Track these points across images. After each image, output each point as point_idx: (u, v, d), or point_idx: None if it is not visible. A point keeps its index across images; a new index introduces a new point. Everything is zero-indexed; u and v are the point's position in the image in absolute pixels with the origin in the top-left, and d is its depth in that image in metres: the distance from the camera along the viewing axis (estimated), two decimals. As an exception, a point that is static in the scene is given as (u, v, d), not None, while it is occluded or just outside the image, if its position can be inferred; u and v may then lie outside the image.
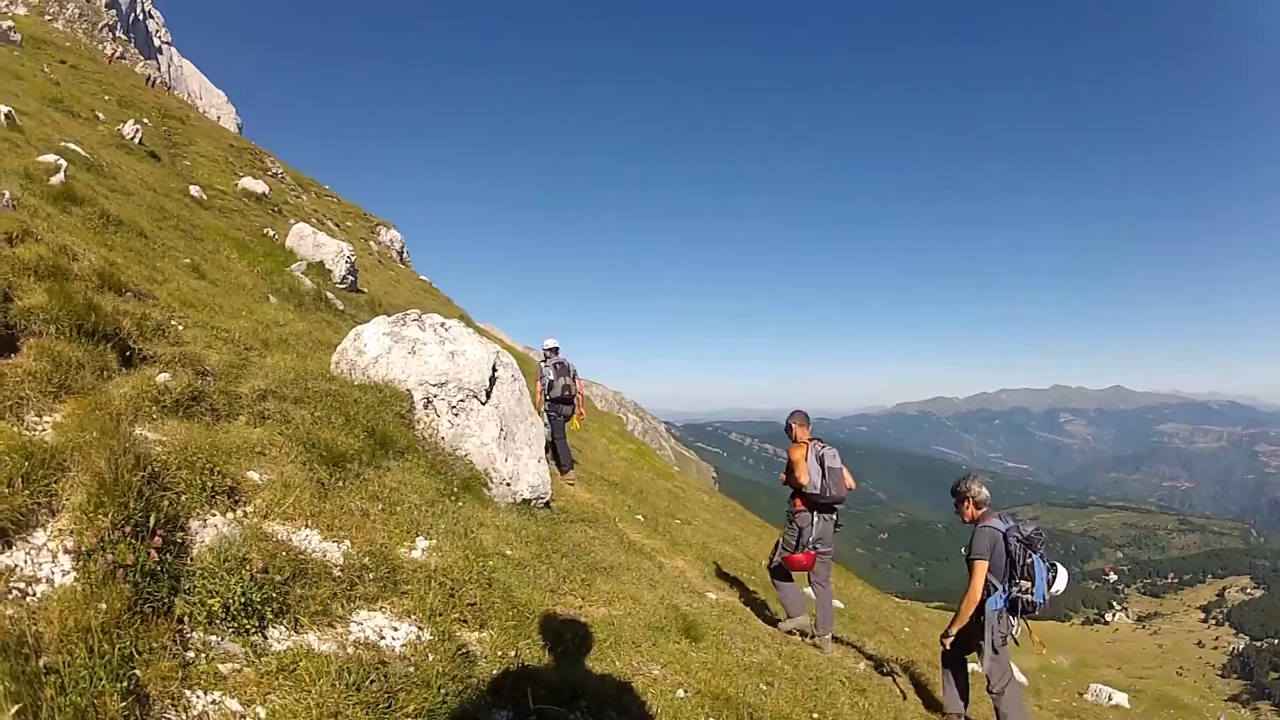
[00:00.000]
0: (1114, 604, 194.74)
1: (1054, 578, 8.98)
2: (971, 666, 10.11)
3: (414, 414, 9.76)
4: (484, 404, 10.34)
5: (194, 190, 26.55)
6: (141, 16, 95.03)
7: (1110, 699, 19.28)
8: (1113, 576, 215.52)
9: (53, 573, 3.93)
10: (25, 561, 3.96)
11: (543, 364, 17.71)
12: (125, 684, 3.42)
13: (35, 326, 6.28)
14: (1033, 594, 8.69)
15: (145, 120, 34.39)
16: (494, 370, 10.66)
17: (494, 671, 5.15)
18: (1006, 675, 9.07)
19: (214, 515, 5.22)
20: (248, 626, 4.33)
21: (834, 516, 11.26)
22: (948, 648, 9.62)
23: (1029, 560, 8.77)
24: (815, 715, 7.54)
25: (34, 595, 3.76)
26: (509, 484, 10.07)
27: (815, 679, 8.76)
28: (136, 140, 28.93)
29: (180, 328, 8.93)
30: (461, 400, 10.13)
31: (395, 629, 5.09)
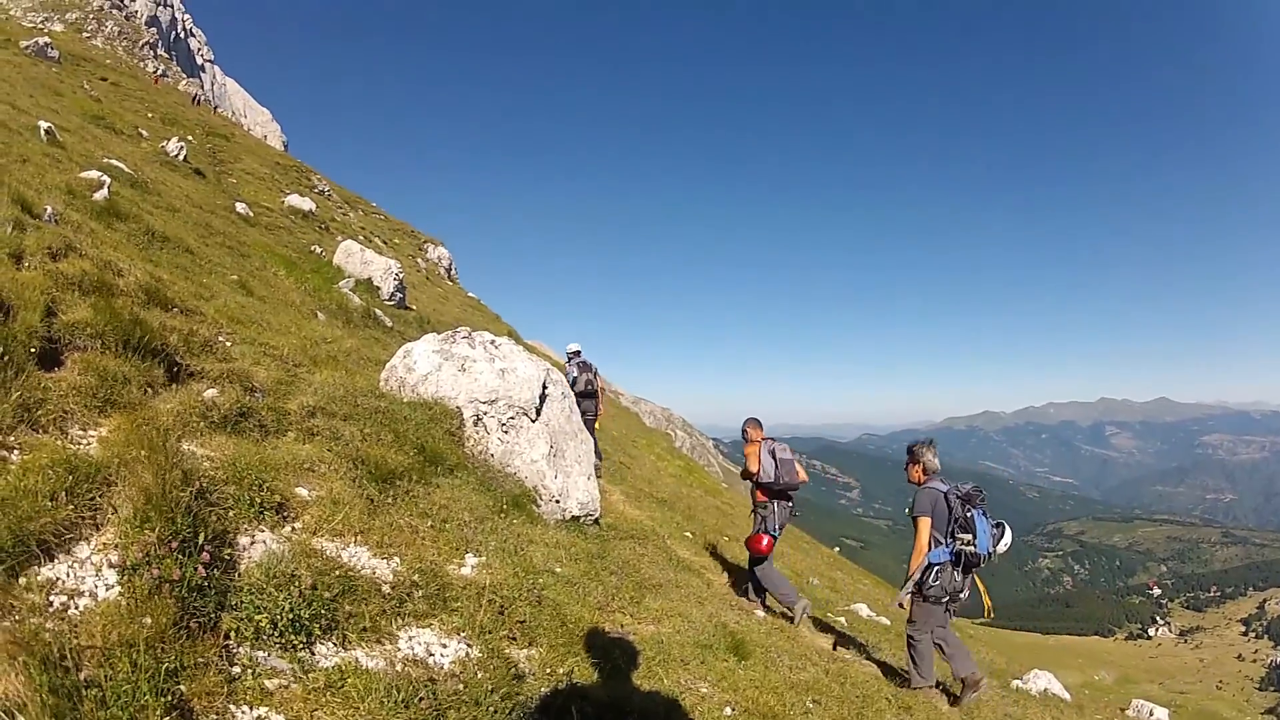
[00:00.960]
0: (1157, 618, 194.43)
1: (1000, 535, 9.65)
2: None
3: (464, 431, 9.79)
4: (534, 421, 10.34)
5: (240, 207, 26.98)
6: (183, 35, 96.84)
7: (1152, 714, 19.14)
8: (1156, 591, 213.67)
9: (96, 586, 3.95)
10: (67, 574, 3.98)
11: (567, 364, 19.84)
12: (169, 698, 3.44)
13: (80, 341, 6.35)
14: (975, 545, 9.33)
15: (189, 137, 35.01)
16: (544, 388, 10.67)
17: (542, 689, 5.16)
18: (929, 625, 9.84)
19: (262, 531, 5.25)
20: (295, 643, 4.34)
21: (790, 504, 12.43)
22: (905, 603, 10.11)
23: (969, 514, 9.43)
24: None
25: (76, 608, 3.78)
26: (558, 501, 10.06)
27: (862, 697, 8.72)
28: (181, 157, 29.44)
29: (228, 344, 9.04)
30: (512, 418, 10.14)
31: (444, 646, 5.09)
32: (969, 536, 9.35)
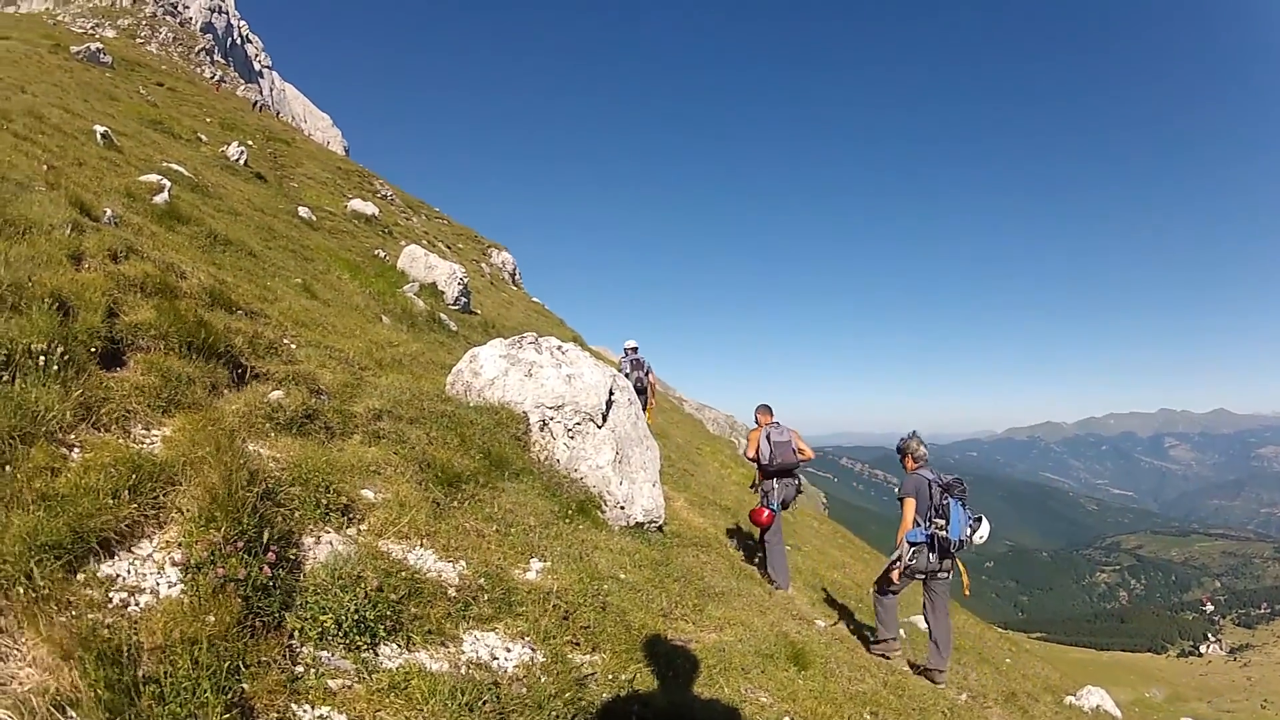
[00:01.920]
0: (1209, 635, 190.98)
1: (977, 526, 10.66)
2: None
3: (529, 436, 9.86)
4: (600, 427, 10.36)
5: (302, 211, 27.36)
6: (240, 41, 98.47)
7: None
8: (1209, 607, 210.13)
9: (158, 584, 4.00)
10: (128, 571, 4.03)
11: (621, 360, 21.27)
12: (229, 696, 3.46)
13: (143, 342, 6.47)
14: (947, 531, 10.45)
15: (249, 142, 35.54)
16: (610, 394, 10.68)
17: (605, 695, 5.17)
18: (898, 591, 11.15)
19: (328, 532, 5.30)
20: (359, 643, 4.37)
21: (795, 481, 13.90)
22: (895, 580, 10.96)
23: (945, 502, 10.59)
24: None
25: (136, 605, 3.83)
26: (623, 507, 10.07)
27: (919, 710, 8.80)
28: (241, 162, 29.95)
29: (293, 346, 9.19)
30: (577, 423, 10.18)
31: (508, 650, 5.12)
32: (943, 522, 10.50)
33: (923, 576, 10.79)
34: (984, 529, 10.68)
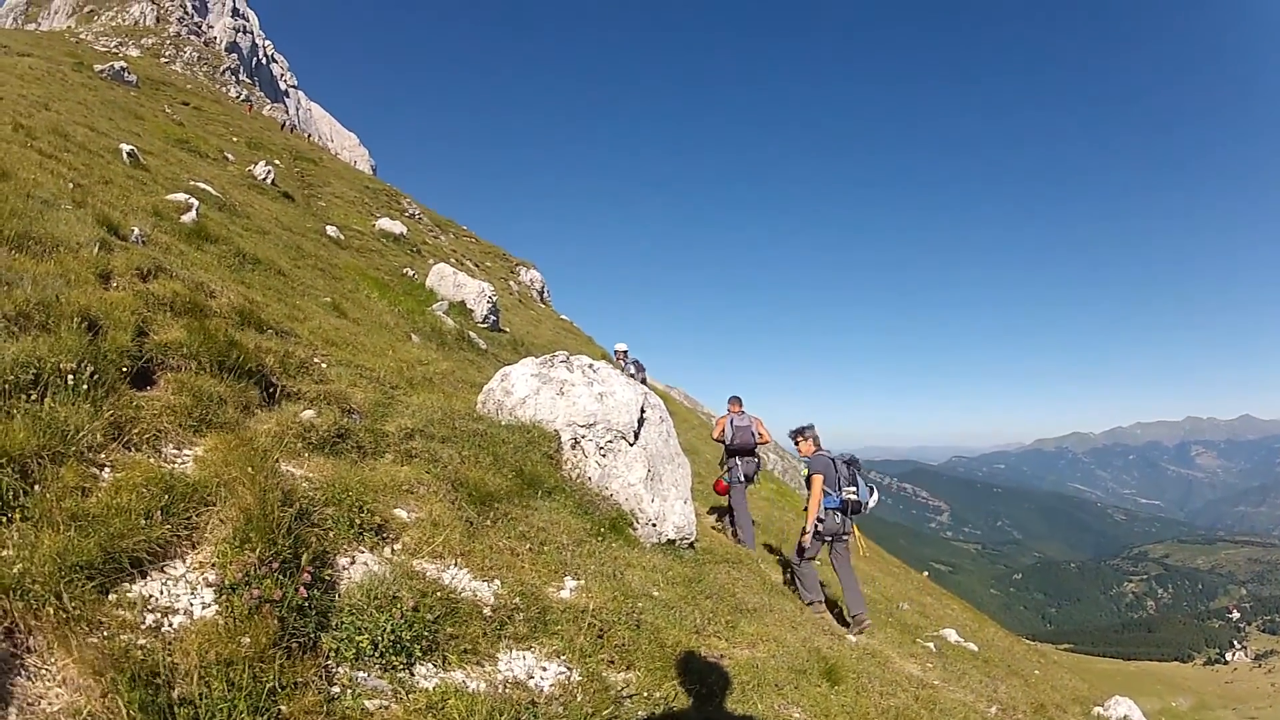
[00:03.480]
0: (1234, 642, 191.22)
1: (871, 493, 12.95)
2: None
3: (561, 454, 9.86)
4: (632, 445, 10.36)
5: (330, 230, 27.55)
6: (265, 60, 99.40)
7: None
8: (1236, 615, 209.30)
9: (191, 605, 3.99)
10: (161, 592, 4.03)
11: (618, 363, 22.61)
12: (266, 718, 3.45)
13: (173, 361, 6.50)
14: (856, 495, 12.61)
15: (276, 161, 35.81)
16: (642, 411, 10.69)
17: (641, 713, 5.17)
18: (813, 554, 12.83)
19: (362, 552, 5.30)
20: (396, 663, 4.36)
21: (755, 459, 16.15)
22: (806, 544, 12.76)
23: (851, 474, 12.74)
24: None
25: (170, 626, 3.81)
26: (655, 525, 10.07)
27: None
28: (269, 181, 30.18)
29: (324, 365, 9.22)
30: (609, 441, 10.18)
31: (544, 669, 5.11)
32: (853, 489, 12.61)
33: (830, 539, 12.77)
34: (875, 496, 13.08)
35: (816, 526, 12.57)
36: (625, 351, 22.85)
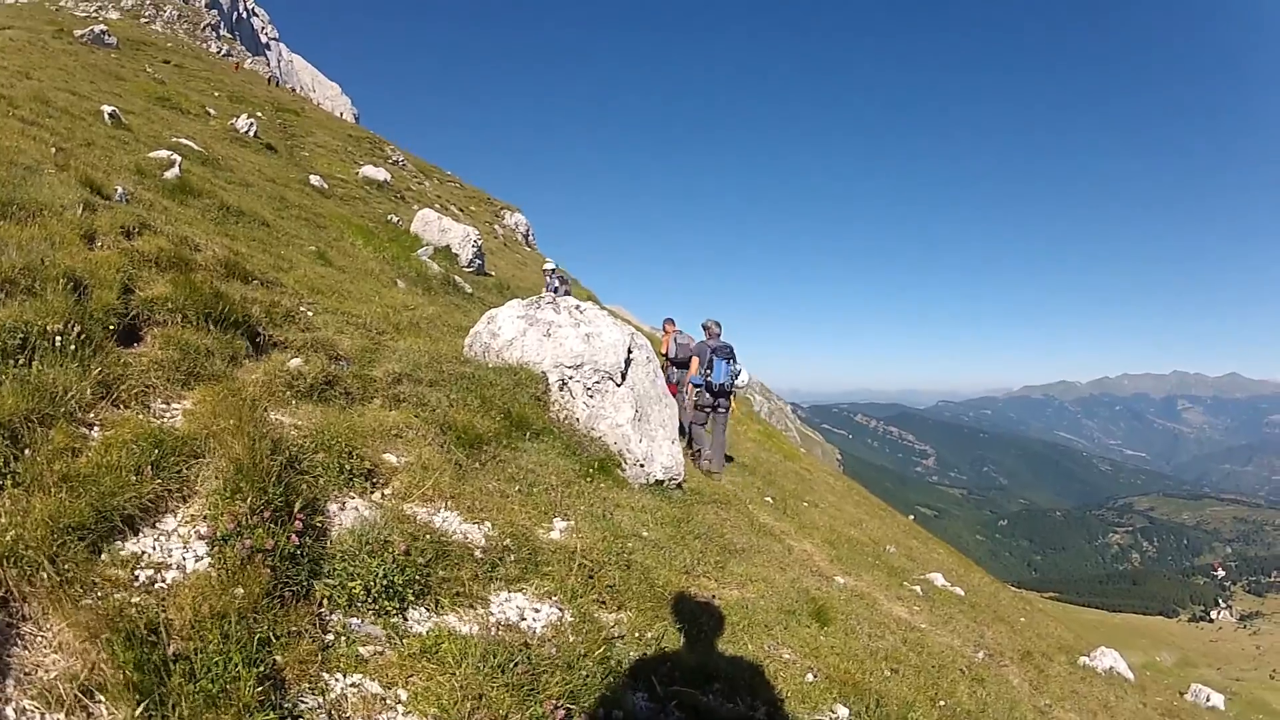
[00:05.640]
0: (1219, 601, 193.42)
1: (738, 373, 16.20)
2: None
3: (549, 396, 9.84)
4: (619, 385, 10.34)
5: (314, 180, 27.34)
6: (245, 14, 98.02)
7: (1208, 700, 19.14)
8: (1221, 573, 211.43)
9: (184, 559, 3.96)
10: (154, 548, 3.99)
11: (547, 281, 24.34)
12: (261, 668, 3.42)
13: (159, 316, 6.44)
14: (711, 377, 15.95)
15: (259, 114, 35.50)
16: (629, 352, 10.65)
17: (632, 653, 5.17)
18: (701, 419, 16.45)
19: (352, 498, 5.28)
20: (389, 609, 4.35)
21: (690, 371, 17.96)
22: (692, 409, 16.65)
23: (713, 360, 16.01)
24: (938, 703, 7.59)
25: (163, 582, 3.78)
26: (643, 465, 10.08)
27: (937, 667, 8.85)
28: (251, 134, 29.90)
29: (310, 314, 9.19)
30: (597, 382, 10.16)
31: (537, 610, 5.12)
32: (709, 373, 15.99)
33: (709, 409, 16.35)
34: (744, 376, 16.42)
35: (696, 399, 16.51)
36: (553, 269, 24.24)
